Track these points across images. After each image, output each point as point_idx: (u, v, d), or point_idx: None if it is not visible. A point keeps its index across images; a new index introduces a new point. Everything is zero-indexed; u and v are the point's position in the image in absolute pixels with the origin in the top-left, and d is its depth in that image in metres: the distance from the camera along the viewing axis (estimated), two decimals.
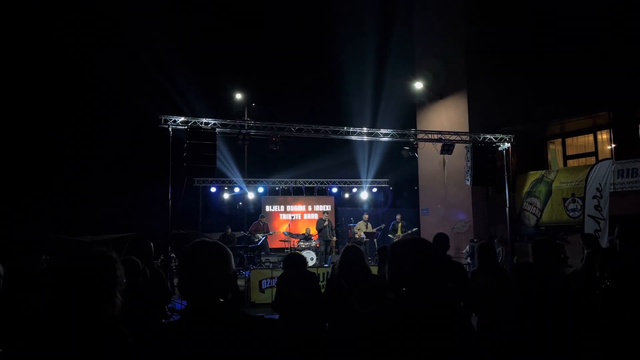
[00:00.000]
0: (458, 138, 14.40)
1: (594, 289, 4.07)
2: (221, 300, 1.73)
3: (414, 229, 15.77)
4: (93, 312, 1.87)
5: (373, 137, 13.83)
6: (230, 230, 15.76)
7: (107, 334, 1.88)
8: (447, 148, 14.15)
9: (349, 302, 4.00)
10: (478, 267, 4.74)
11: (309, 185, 19.01)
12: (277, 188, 18.80)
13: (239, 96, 22.11)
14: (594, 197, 10.96)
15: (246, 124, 12.71)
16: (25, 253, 4.29)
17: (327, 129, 13.35)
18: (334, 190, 19.17)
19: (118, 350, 1.86)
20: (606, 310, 3.45)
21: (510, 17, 16.77)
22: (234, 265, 1.83)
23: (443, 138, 14.24)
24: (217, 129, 12.02)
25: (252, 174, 19.60)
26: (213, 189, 18.01)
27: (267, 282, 10.93)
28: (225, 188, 18.21)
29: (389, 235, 15.47)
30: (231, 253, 1.86)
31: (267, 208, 18.64)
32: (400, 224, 15.48)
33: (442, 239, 5.08)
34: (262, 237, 15.10)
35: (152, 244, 5.18)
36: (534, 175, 15.70)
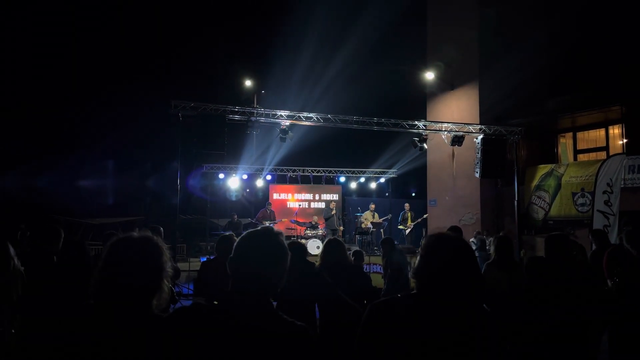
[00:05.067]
0: (469, 129, 14.31)
1: (599, 287, 4.07)
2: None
3: (425, 216, 15.81)
4: (141, 300, 1.82)
5: (382, 127, 13.78)
6: (236, 217, 15.84)
7: (155, 321, 1.81)
8: (457, 139, 14.07)
9: (337, 294, 3.92)
10: (494, 260, 4.80)
11: (316, 174, 19.01)
12: (285, 176, 18.83)
13: (248, 83, 22.08)
14: (604, 192, 10.88)
15: (255, 111, 12.68)
16: (48, 235, 4.33)
17: (336, 117, 13.30)
18: (342, 179, 19.16)
19: (167, 338, 1.76)
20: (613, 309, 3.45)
21: (523, 7, 16.55)
22: (286, 265, 1.79)
23: (453, 129, 14.16)
24: (226, 116, 12.03)
25: (260, 162, 19.62)
26: (221, 175, 18.05)
27: None
28: (233, 175, 18.25)
29: (399, 227, 15.44)
30: (289, 252, 1.82)
31: (275, 196, 18.67)
32: (409, 214, 15.45)
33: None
34: (269, 224, 15.16)
35: (162, 228, 5.23)
36: (543, 169, 15.59)
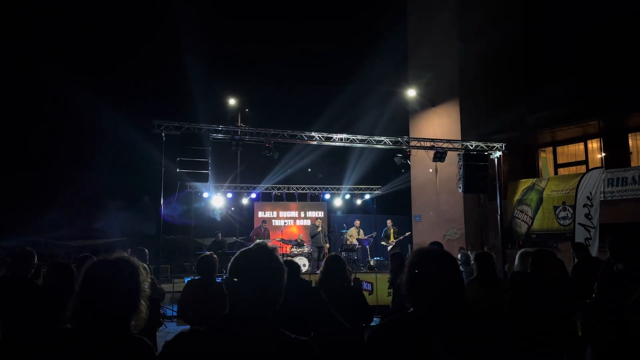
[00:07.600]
0: (450, 146, 14.48)
1: (580, 301, 4.14)
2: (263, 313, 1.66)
3: (407, 233, 15.78)
4: (118, 322, 1.81)
5: (366, 144, 13.87)
6: (221, 236, 15.72)
7: (132, 343, 1.80)
8: (440, 155, 14.22)
9: (331, 315, 3.89)
10: (477, 276, 4.83)
11: (301, 192, 18.99)
12: (269, 194, 18.78)
13: (232, 102, 22.10)
14: (584, 206, 11.07)
15: (239, 130, 12.69)
16: (21, 258, 4.28)
17: (320, 135, 13.35)
18: (327, 196, 19.17)
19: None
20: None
21: (502, 28, 16.94)
22: (284, 281, 1.74)
23: (435, 145, 14.32)
24: (210, 135, 12.00)
25: (245, 180, 19.57)
26: (205, 195, 17.92)
27: None
28: (218, 194, 18.13)
29: (382, 243, 15.42)
30: (285, 268, 1.78)
31: (260, 214, 18.58)
32: (392, 230, 15.38)
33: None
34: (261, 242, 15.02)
35: (146, 250, 5.18)
36: (525, 183, 15.81)
